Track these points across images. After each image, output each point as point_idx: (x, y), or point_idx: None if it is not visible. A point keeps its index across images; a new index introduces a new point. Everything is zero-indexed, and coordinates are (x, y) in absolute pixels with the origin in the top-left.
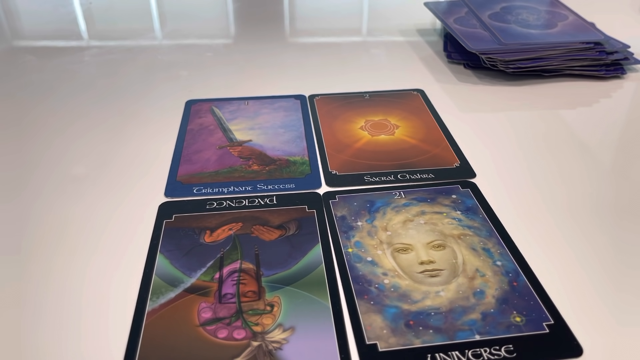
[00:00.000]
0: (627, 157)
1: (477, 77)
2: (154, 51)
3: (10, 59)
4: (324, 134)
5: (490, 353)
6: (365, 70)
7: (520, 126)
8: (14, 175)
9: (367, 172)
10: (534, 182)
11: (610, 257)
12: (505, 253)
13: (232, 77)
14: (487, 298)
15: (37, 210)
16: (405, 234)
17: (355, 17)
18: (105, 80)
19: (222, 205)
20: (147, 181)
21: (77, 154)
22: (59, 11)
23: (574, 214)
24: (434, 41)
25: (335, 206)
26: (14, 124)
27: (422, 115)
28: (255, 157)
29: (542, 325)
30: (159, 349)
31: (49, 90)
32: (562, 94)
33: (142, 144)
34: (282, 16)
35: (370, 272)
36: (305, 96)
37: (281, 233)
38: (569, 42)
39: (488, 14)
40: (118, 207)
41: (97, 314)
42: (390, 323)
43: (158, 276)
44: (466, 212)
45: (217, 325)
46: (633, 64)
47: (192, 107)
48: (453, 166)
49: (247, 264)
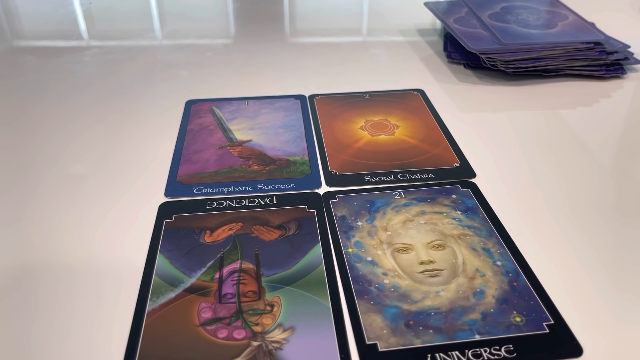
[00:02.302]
0: (627, 157)
1: (477, 77)
2: (154, 51)
3: (10, 58)
4: (324, 134)
5: (490, 353)
6: (365, 70)
7: (521, 126)
8: (12, 174)
9: (367, 172)
10: (534, 182)
11: (610, 257)
12: (505, 253)
13: (232, 77)
14: (487, 298)
15: (37, 209)
16: (405, 234)
17: (355, 17)
18: (105, 80)
19: (222, 205)
20: (147, 181)
21: (76, 153)
22: (59, 11)
23: (574, 214)
24: (434, 41)
25: (335, 206)
26: (14, 124)
27: (422, 115)
28: (255, 157)
29: (542, 325)
30: (159, 349)
31: (48, 90)
32: (562, 94)
33: (142, 143)
34: (282, 16)
35: (370, 272)
36: (305, 96)
37: (281, 233)
38: (569, 42)
39: (488, 14)
40: (118, 207)
41: (97, 314)
42: (390, 323)
43: (158, 276)
44: (466, 212)
45: (217, 325)
46: (633, 64)
47: (192, 107)
48: (453, 166)
49: (247, 264)
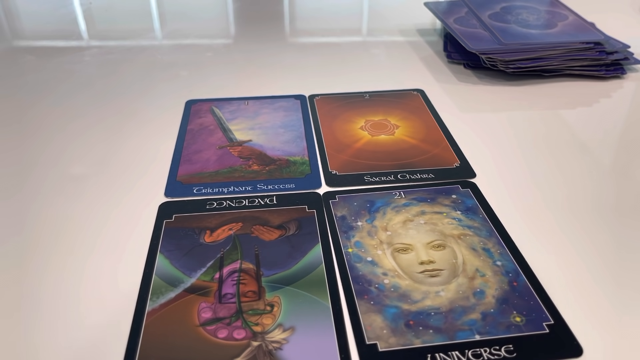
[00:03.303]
0: (627, 157)
1: (477, 77)
2: (154, 51)
3: (10, 58)
4: (324, 134)
5: (490, 353)
6: (365, 70)
7: (520, 126)
8: (13, 174)
9: (367, 172)
10: (534, 182)
11: (610, 257)
12: (505, 253)
13: (232, 77)
14: (487, 298)
15: (36, 209)
16: (405, 234)
17: (355, 17)
18: (105, 80)
19: (222, 205)
20: (147, 181)
21: (76, 153)
22: (59, 11)
23: (574, 214)
24: (434, 41)
25: (335, 206)
26: (14, 124)
27: (422, 115)
28: (255, 157)
29: (542, 325)
30: (159, 349)
31: (48, 90)
32: (562, 94)
33: (142, 143)
34: (282, 16)
35: (370, 272)
36: (305, 96)
37: (281, 233)
38: (569, 42)
39: (488, 14)
40: (118, 207)
41: (97, 314)
42: (390, 323)
43: (158, 276)
44: (466, 212)
45: (217, 325)
46: (633, 64)
47: (192, 107)
48: (453, 166)
49: (247, 264)
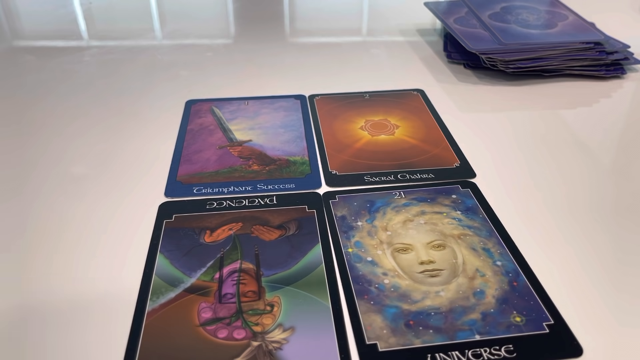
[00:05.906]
0: (627, 157)
1: (477, 77)
2: (154, 51)
3: (10, 58)
4: (324, 134)
5: (490, 353)
6: (365, 70)
7: (520, 126)
8: (13, 174)
9: (367, 172)
10: (534, 182)
11: (610, 257)
12: (505, 253)
13: (232, 77)
14: (487, 298)
15: (37, 209)
16: (405, 234)
17: (355, 17)
18: (105, 80)
19: (222, 205)
20: (147, 181)
21: (76, 153)
22: (59, 11)
23: (574, 214)
24: (434, 41)
25: (335, 206)
26: (14, 124)
27: (422, 115)
28: (255, 157)
29: (542, 325)
30: (159, 349)
31: (48, 90)
32: (562, 94)
33: (142, 143)
34: (282, 16)
35: (370, 272)
36: (305, 96)
37: (281, 233)
38: (569, 42)
39: (488, 14)
40: (118, 207)
41: (97, 314)
42: (390, 323)
43: (158, 276)
44: (466, 212)
45: (217, 325)
46: (633, 64)
47: (192, 107)
48: (453, 166)
49: (247, 264)
